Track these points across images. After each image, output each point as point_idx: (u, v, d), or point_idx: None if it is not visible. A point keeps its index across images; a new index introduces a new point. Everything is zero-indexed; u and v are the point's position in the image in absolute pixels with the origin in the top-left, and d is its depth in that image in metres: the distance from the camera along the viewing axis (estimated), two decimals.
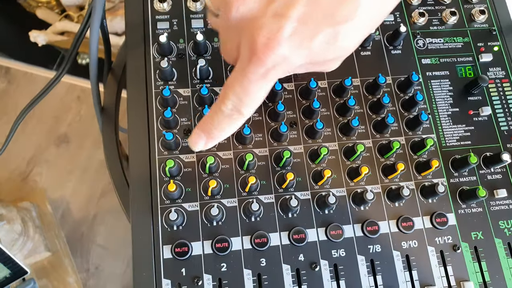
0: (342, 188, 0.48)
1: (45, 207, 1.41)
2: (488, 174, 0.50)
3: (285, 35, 0.31)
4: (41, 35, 1.56)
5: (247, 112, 0.38)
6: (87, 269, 1.40)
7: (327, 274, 0.45)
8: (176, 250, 0.44)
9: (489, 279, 0.47)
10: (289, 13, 0.31)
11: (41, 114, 1.56)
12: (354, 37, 0.34)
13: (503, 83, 0.54)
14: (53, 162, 1.51)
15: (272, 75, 0.34)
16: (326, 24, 0.32)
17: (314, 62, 0.36)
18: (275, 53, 0.32)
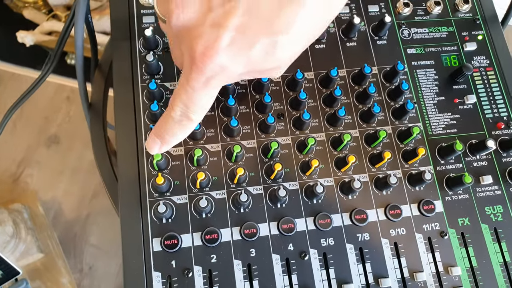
0: (330, 178, 0.48)
1: (37, 209, 1.40)
2: (474, 161, 0.51)
3: (222, 45, 0.32)
4: (28, 36, 1.54)
5: (196, 117, 0.39)
6: (81, 269, 1.39)
7: (316, 263, 0.45)
8: (165, 242, 0.44)
9: (476, 264, 0.47)
10: (227, 22, 0.31)
11: (30, 115, 1.55)
12: (292, 48, 0.34)
13: (487, 71, 0.55)
14: (44, 163, 1.50)
15: (213, 84, 0.35)
16: (264, 34, 0.32)
17: (255, 71, 0.36)
18: (213, 62, 0.32)
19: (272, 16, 0.32)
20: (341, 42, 0.53)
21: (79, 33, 0.46)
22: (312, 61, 0.52)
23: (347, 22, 0.52)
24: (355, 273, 0.46)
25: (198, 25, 0.33)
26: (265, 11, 0.31)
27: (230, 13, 0.31)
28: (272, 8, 0.32)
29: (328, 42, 0.53)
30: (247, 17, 0.32)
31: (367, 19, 0.55)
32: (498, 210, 0.50)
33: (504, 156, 0.52)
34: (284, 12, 0.32)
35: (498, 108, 0.53)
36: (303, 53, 0.50)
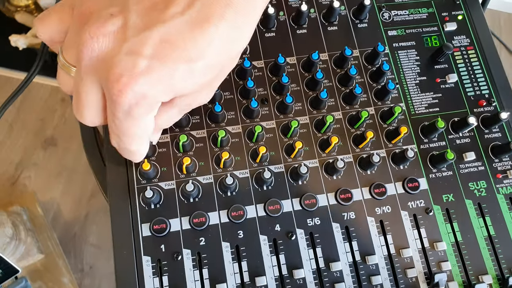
0: (314, 160, 0.49)
1: (36, 210, 1.41)
2: (456, 139, 0.52)
3: (139, 71, 0.32)
4: (21, 39, 1.55)
5: (134, 148, 0.39)
6: (81, 269, 1.40)
7: (303, 242, 0.46)
8: (154, 227, 0.45)
9: (461, 239, 0.48)
10: (142, 50, 0.32)
11: (26, 118, 1.56)
12: (211, 72, 0.35)
13: (468, 51, 0.55)
14: (41, 165, 1.51)
15: (137, 112, 0.34)
16: (182, 62, 0.33)
17: (184, 97, 0.37)
18: (131, 89, 0.32)
19: (185, 43, 0.32)
20: (322, 27, 0.54)
21: None
22: (294, 46, 0.53)
23: (328, 7, 0.53)
24: (342, 251, 0.46)
25: (114, 55, 0.33)
26: (179, 38, 0.32)
27: (146, 42, 0.32)
28: (184, 35, 0.32)
29: (309, 27, 0.54)
30: (162, 46, 0.32)
31: (347, 3, 0.55)
32: (482, 186, 0.50)
33: (486, 133, 0.52)
34: (197, 37, 0.33)
35: (480, 86, 0.54)
36: (286, 38, 0.52)
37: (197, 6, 0.33)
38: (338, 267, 0.46)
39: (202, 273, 0.44)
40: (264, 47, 0.53)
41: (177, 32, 0.32)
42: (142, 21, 0.33)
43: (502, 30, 1.90)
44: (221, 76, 0.39)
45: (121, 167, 0.47)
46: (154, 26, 0.32)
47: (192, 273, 0.44)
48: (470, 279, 0.47)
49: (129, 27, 0.33)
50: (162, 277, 0.44)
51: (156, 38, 0.32)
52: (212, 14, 0.33)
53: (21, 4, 1.65)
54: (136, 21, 0.33)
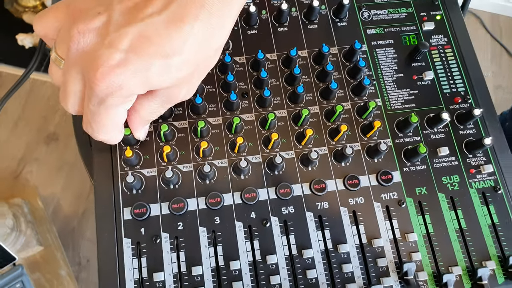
0: (291, 151, 0.51)
1: (37, 203, 1.44)
2: (431, 134, 0.54)
3: (113, 63, 0.35)
4: (27, 38, 1.60)
5: (104, 136, 0.41)
6: (79, 262, 1.43)
7: (277, 230, 0.48)
8: (135, 211, 0.47)
9: (433, 231, 0.50)
10: (120, 44, 0.35)
11: (30, 115, 1.60)
12: (187, 68, 0.37)
13: (445, 49, 0.57)
14: (43, 160, 1.55)
15: (110, 102, 0.37)
16: (158, 57, 0.35)
17: (159, 92, 0.40)
18: (108, 79, 0.35)
19: (162, 39, 0.35)
20: (303, 25, 0.56)
21: None
22: (275, 43, 0.55)
23: (308, 6, 0.55)
24: (314, 239, 0.48)
25: (96, 48, 0.36)
26: (155, 35, 0.35)
27: (124, 36, 0.35)
28: (161, 33, 0.35)
29: (290, 25, 0.56)
30: (140, 41, 0.35)
31: (328, 3, 0.57)
32: (455, 180, 0.52)
33: (461, 129, 0.54)
34: (173, 35, 0.35)
35: (456, 83, 0.56)
36: (267, 35, 0.54)
37: (173, 7, 0.35)
38: (310, 254, 0.47)
39: (179, 256, 0.46)
40: (246, 43, 0.55)
41: (154, 29, 0.35)
42: (124, 18, 0.36)
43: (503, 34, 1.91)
44: (200, 74, 0.42)
45: (106, 154, 0.49)
46: (133, 23, 0.35)
47: (169, 256, 0.46)
48: (440, 270, 0.49)
49: (111, 23, 0.36)
50: (141, 258, 0.46)
51: (134, 34, 0.35)
52: (187, 14, 0.35)
53: (29, 5, 1.70)
54: (118, 18, 0.36)
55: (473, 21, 1.89)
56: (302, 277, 0.47)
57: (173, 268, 0.46)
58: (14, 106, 1.59)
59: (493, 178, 0.52)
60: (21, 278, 0.92)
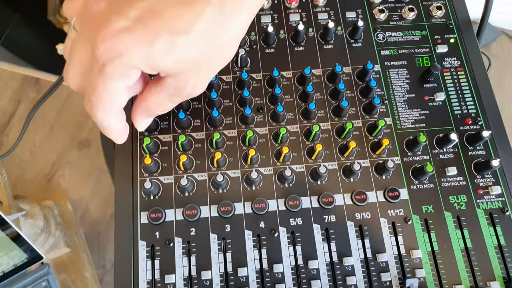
0: (301, 165, 0.53)
1: (66, 206, 1.51)
2: (440, 154, 0.55)
3: (118, 28, 0.35)
4: None
5: (100, 116, 0.39)
6: (103, 265, 1.48)
7: (285, 240, 0.50)
8: (151, 216, 0.50)
9: (438, 248, 0.51)
10: (128, 13, 0.35)
11: (65, 120, 1.68)
12: (192, 49, 0.37)
13: (458, 72, 0.58)
14: (75, 164, 1.62)
15: (110, 70, 0.35)
16: (165, 32, 0.35)
17: (166, 80, 0.39)
18: (110, 42, 0.34)
19: (171, 16, 0.35)
20: (318, 45, 0.59)
21: None
22: (291, 61, 0.58)
23: (324, 27, 0.58)
24: (320, 250, 0.50)
25: (105, 14, 0.36)
26: (165, 10, 0.35)
27: (133, 5, 0.35)
28: (171, 9, 0.35)
29: (307, 44, 0.59)
30: (149, 13, 0.35)
31: (344, 24, 0.60)
32: (462, 200, 0.53)
33: (470, 150, 0.55)
34: (184, 13, 0.35)
35: (467, 105, 0.57)
36: (283, 54, 0.57)
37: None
38: (315, 265, 0.49)
39: (190, 260, 0.49)
40: (264, 61, 0.58)
41: (165, 5, 0.35)
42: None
43: None
44: (211, 66, 0.40)
45: (127, 160, 0.53)
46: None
47: (181, 259, 0.49)
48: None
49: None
50: (154, 260, 0.49)
51: (144, 5, 0.35)
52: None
53: None
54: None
55: (507, 41, 1.87)
56: (307, 287, 0.49)
57: (184, 272, 0.49)
58: (50, 111, 1.68)
59: (501, 199, 0.53)
60: (47, 277, 0.97)
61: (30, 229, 1.31)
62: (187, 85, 0.40)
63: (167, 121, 0.54)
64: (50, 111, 1.68)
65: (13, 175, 1.57)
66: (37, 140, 1.65)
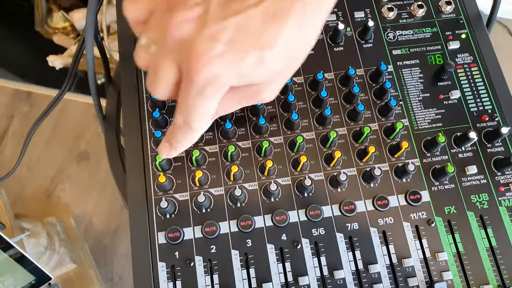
0: (319, 173, 0.52)
1: (69, 221, 1.49)
2: (459, 153, 0.54)
3: (214, 54, 0.36)
4: (58, 59, 1.65)
5: (196, 126, 0.42)
6: (111, 278, 1.46)
7: (308, 251, 0.49)
8: (169, 235, 0.48)
9: (463, 250, 0.50)
10: (220, 36, 0.36)
11: (61, 134, 1.65)
12: (278, 61, 0.38)
13: (471, 68, 0.57)
14: (75, 178, 1.59)
15: (208, 93, 0.38)
16: (253, 48, 0.36)
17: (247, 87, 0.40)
18: (206, 70, 0.36)
19: (257, 32, 0.36)
20: (328, 48, 0.57)
21: (90, 50, 0.53)
22: (301, 66, 0.56)
23: (333, 29, 0.57)
24: (345, 260, 0.49)
25: (195, 38, 0.37)
26: (252, 28, 0.36)
27: (224, 29, 0.36)
28: (257, 25, 0.36)
29: (316, 48, 0.57)
30: (239, 33, 0.36)
31: (353, 25, 0.59)
32: (484, 198, 0.52)
33: (489, 147, 0.54)
34: (268, 28, 0.36)
35: (483, 101, 0.56)
36: None
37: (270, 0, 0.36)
38: (341, 275, 0.48)
39: (212, 279, 0.48)
40: None
41: (252, 21, 0.36)
42: (221, 10, 0.37)
43: None
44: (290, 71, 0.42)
45: (140, 180, 0.51)
46: (232, 16, 0.36)
47: (203, 279, 0.48)
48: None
49: (210, 15, 0.37)
50: (176, 281, 0.48)
51: (232, 26, 0.36)
52: (282, 7, 0.36)
53: (59, 26, 1.76)
54: (216, 10, 0.37)
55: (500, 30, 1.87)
56: None
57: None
58: (46, 125, 1.65)
59: None
60: None
61: (34, 248, 1.29)
62: (266, 92, 0.42)
63: None
64: (45, 125, 1.66)
65: (11, 194, 1.55)
66: (34, 155, 1.62)
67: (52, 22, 1.77)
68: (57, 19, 1.76)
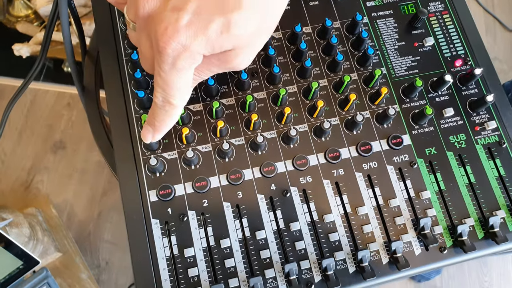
0: (303, 124, 0.53)
1: (50, 211, 1.47)
2: (436, 97, 0.56)
3: (181, 25, 0.36)
4: (24, 47, 1.61)
5: (176, 102, 0.41)
6: (98, 265, 1.45)
7: (297, 199, 0.50)
8: (160, 193, 0.49)
9: (444, 187, 0.52)
10: (185, 6, 0.36)
11: (34, 124, 1.62)
12: (245, 25, 0.38)
13: (443, 15, 0.59)
14: (52, 168, 1.57)
15: (180, 65, 0.38)
16: (218, 14, 0.36)
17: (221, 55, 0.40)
18: (174, 41, 0.36)
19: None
20: (304, 2, 0.58)
21: (65, 19, 0.52)
22: (279, 22, 0.57)
23: None
24: (333, 204, 0.50)
25: (160, 11, 0.37)
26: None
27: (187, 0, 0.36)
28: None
29: (292, 3, 0.58)
30: (201, 1, 0.36)
31: None
32: (462, 138, 0.54)
33: (463, 90, 0.56)
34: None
35: (456, 47, 0.58)
36: None
37: None
38: (331, 218, 0.50)
39: (206, 231, 0.49)
40: None
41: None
42: None
43: (495, 6, 1.93)
44: (263, 36, 0.41)
45: (126, 143, 0.51)
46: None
47: (197, 232, 0.48)
48: (454, 222, 0.51)
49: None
50: (170, 237, 0.48)
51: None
52: None
53: (21, 14, 1.71)
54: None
55: None
56: (326, 240, 0.49)
57: (202, 243, 0.48)
58: (16, 116, 1.61)
59: (497, 133, 0.54)
60: (47, 280, 0.94)
61: (17, 238, 1.27)
62: (239, 57, 0.41)
63: None
64: (16, 116, 1.61)
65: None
66: (7, 148, 1.58)
67: (14, 10, 1.72)
68: (19, 7, 1.71)
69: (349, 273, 0.48)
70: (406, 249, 0.50)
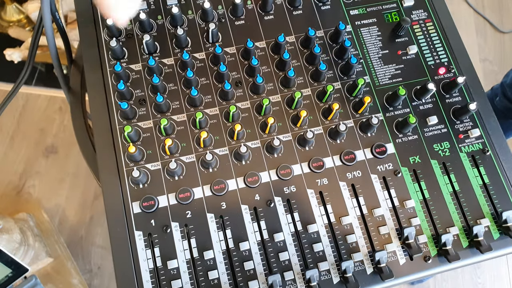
0: (287, 134, 0.53)
1: (42, 216, 1.46)
2: (420, 105, 0.56)
3: None
4: (15, 52, 1.60)
5: None
6: (90, 270, 1.44)
7: (281, 209, 0.50)
8: (144, 204, 0.49)
9: (428, 196, 0.52)
10: None
11: (26, 129, 1.61)
12: None
13: (426, 23, 0.59)
14: (44, 173, 1.56)
15: None
16: None
17: None
18: None
19: None
20: (288, 12, 0.58)
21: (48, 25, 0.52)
22: (262, 31, 0.57)
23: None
24: (317, 214, 0.51)
25: None
26: None
27: None
28: None
29: (276, 13, 0.58)
30: None
31: None
32: (446, 146, 0.54)
33: (447, 98, 0.56)
34: None
35: (439, 55, 0.58)
36: (253, 25, 0.56)
37: None
38: (315, 228, 0.50)
39: (190, 243, 0.48)
40: (235, 34, 0.57)
41: None
42: None
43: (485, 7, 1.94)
44: None
45: (110, 153, 0.51)
46: None
47: (181, 243, 0.48)
48: (438, 231, 0.51)
49: None
50: (154, 248, 0.48)
51: None
52: None
53: (13, 19, 1.70)
54: None
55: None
56: (310, 251, 0.49)
57: (185, 255, 0.48)
58: (8, 121, 1.60)
59: (480, 141, 0.55)
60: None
61: (7, 244, 1.26)
62: None
63: (144, 107, 0.53)
64: (8, 120, 1.61)
65: None
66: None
67: (5, 15, 1.71)
68: (10, 12, 1.70)
69: (333, 283, 0.48)
70: (390, 258, 0.50)
